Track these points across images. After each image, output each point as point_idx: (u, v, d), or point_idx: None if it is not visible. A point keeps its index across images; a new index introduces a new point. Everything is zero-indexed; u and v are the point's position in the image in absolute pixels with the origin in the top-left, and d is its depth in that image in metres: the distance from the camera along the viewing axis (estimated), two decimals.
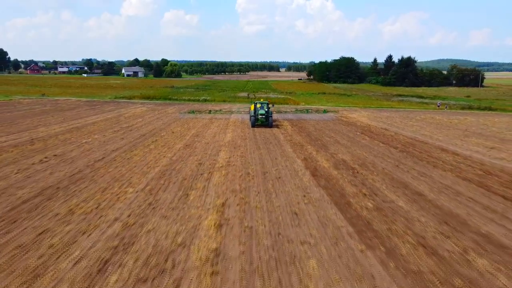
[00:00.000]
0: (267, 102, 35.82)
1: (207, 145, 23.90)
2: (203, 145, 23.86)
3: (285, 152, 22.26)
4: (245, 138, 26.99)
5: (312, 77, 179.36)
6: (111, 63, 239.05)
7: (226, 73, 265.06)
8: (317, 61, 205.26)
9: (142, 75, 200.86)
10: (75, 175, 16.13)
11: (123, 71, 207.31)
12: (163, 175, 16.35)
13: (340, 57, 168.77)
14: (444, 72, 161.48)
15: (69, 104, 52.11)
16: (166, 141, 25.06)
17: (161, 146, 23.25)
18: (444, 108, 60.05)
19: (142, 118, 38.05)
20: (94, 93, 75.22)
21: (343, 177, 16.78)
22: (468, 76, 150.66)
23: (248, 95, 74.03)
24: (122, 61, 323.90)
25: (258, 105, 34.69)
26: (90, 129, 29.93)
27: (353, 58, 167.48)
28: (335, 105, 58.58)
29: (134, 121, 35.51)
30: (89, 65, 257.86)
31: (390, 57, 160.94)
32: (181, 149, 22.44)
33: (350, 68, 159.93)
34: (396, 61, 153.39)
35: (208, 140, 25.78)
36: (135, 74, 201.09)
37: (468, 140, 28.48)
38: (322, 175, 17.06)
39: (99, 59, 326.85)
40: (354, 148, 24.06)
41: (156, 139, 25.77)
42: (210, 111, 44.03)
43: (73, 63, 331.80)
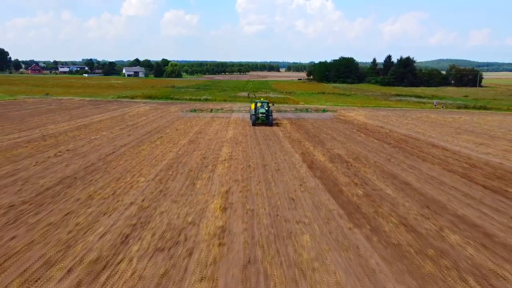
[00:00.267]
0: (267, 101, 36.95)
1: (210, 141, 25.22)
2: (206, 141, 25.18)
3: (284, 148, 23.58)
4: (246, 135, 28.31)
5: (312, 77, 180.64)
6: (112, 63, 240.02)
7: (226, 73, 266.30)
8: (317, 61, 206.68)
9: (143, 75, 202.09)
10: (89, 167, 17.45)
11: (124, 71, 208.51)
12: (171, 167, 17.68)
13: (340, 57, 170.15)
14: (443, 72, 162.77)
15: (74, 103, 53.34)
16: (171, 138, 26.37)
17: (167, 142, 24.56)
18: (441, 108, 61.27)
19: (146, 117, 39.32)
20: (97, 93, 76.42)
21: (337, 169, 18.10)
22: (467, 76, 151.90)
23: (249, 95, 75.31)
24: (122, 61, 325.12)
25: (259, 104, 35.71)
26: (97, 127, 31.21)
27: (353, 58, 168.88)
28: (334, 105, 59.86)
29: (139, 119, 36.77)
30: (90, 65, 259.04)
31: (389, 57, 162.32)
32: (186, 145, 23.75)
33: (350, 68, 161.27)
34: (395, 61, 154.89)
35: (211, 137, 27.09)
36: (136, 74, 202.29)
37: (459, 137, 29.79)
38: (318, 168, 18.38)
39: (99, 59, 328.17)
40: (350, 144, 25.37)
41: (161, 136, 27.08)
42: (212, 110, 45.31)
43: (73, 63, 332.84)
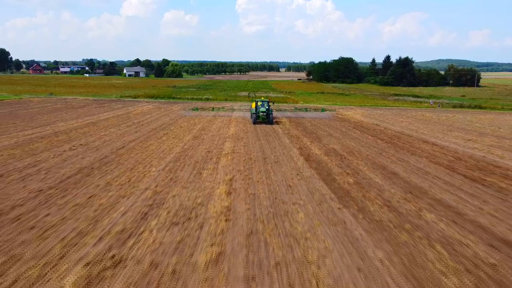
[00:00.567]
0: (268, 100, 38.30)
1: (213, 137, 26.74)
2: (210, 137, 26.70)
3: (283, 143, 25.10)
4: (247, 132, 29.83)
5: (312, 77, 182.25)
6: (113, 63, 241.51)
7: (227, 73, 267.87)
8: (317, 61, 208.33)
9: (144, 75, 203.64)
10: (103, 159, 18.97)
11: (125, 71, 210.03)
12: (178, 159, 19.21)
13: (339, 58, 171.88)
14: (442, 72, 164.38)
15: (78, 102, 54.80)
16: (176, 134, 27.89)
17: (172, 138, 26.08)
18: (437, 107, 62.79)
19: (150, 115, 40.82)
20: (99, 92, 77.88)
21: (332, 162, 19.63)
22: (465, 76, 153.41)
23: (249, 94, 76.85)
24: (123, 61, 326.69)
25: (259, 103, 36.76)
26: (105, 124, 32.71)
27: (352, 59, 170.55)
28: (333, 104, 61.38)
29: (143, 118, 38.27)
30: (91, 65, 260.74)
31: (388, 57, 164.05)
32: (191, 140, 25.27)
33: (349, 68, 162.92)
34: (394, 62, 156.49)
35: (214, 133, 28.61)
36: (137, 74, 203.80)
37: (450, 134, 31.32)
38: (314, 160, 19.91)
39: (99, 59, 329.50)
40: (345, 140, 26.89)
41: (167, 132, 28.59)
42: (213, 109, 46.84)
43: (74, 63, 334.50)
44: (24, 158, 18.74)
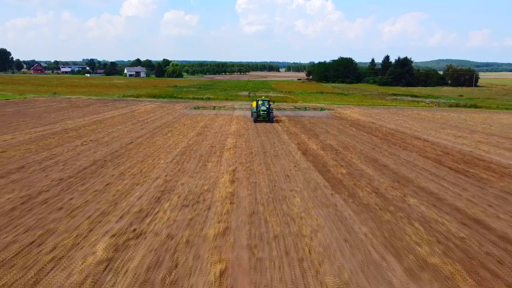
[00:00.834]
0: (268, 99, 39.58)
1: (216, 134, 28.13)
2: (213, 134, 28.09)
3: (282, 139, 26.49)
4: (248, 129, 31.23)
5: (311, 77, 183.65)
6: (113, 63, 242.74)
7: (227, 73, 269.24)
8: (317, 62, 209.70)
9: (144, 75, 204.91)
10: (115, 153, 20.36)
11: (126, 71, 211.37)
12: (184, 153, 20.60)
13: (339, 58, 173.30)
14: (440, 72, 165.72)
15: (83, 102, 56.14)
16: (180, 131, 29.28)
17: (177, 134, 27.46)
18: (434, 106, 64.16)
19: (154, 113, 42.20)
20: (102, 92, 79.15)
21: (327, 155, 21.03)
22: (463, 76, 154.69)
23: (249, 94, 78.24)
24: (123, 61, 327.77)
25: (260, 102, 37.82)
26: (111, 122, 34.09)
27: (351, 59, 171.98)
28: (331, 103, 62.79)
29: (147, 116, 39.65)
30: (92, 65, 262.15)
31: (387, 58, 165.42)
32: (194, 136, 26.66)
33: (348, 68, 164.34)
34: (393, 62, 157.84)
35: (216, 130, 30.00)
36: (138, 74, 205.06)
37: (442, 131, 32.72)
38: (311, 154, 21.30)
39: (100, 59, 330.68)
40: (341, 137, 28.28)
41: (171, 129, 29.98)
42: (214, 108, 48.24)
43: (74, 63, 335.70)
44: (41, 152, 20.12)
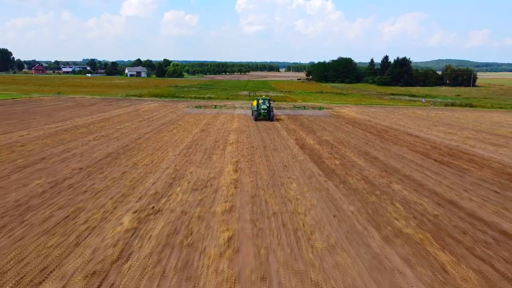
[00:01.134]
0: (269, 98, 41.05)
1: (219, 130, 29.74)
2: (215, 130, 29.70)
3: (281, 135, 28.10)
4: (249, 126, 32.84)
5: (311, 77, 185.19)
6: (114, 63, 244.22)
7: (227, 73, 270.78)
8: (317, 61, 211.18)
9: (145, 75, 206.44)
10: (126, 147, 21.96)
11: (127, 71, 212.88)
12: (190, 147, 22.21)
13: (338, 58, 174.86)
14: (439, 72, 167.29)
15: (87, 101, 57.70)
16: (185, 128, 30.89)
17: (182, 131, 29.07)
18: (430, 105, 65.70)
19: (158, 112, 43.80)
20: (104, 92, 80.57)
21: (323, 149, 22.64)
22: (461, 76, 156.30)
23: (249, 94, 79.83)
24: (123, 61, 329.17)
25: (261, 101, 39.11)
26: (118, 120, 35.68)
27: (351, 59, 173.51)
28: (330, 103, 64.39)
29: (152, 114, 41.24)
30: (92, 65, 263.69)
31: (386, 58, 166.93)
32: (198, 133, 28.27)
33: (348, 68, 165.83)
34: (392, 62, 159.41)
35: (219, 127, 31.61)
36: (138, 74, 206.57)
37: (434, 128, 34.32)
38: (308, 148, 22.92)
39: (100, 59, 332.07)
40: (337, 133, 29.89)
41: (176, 126, 31.58)
42: (216, 107, 49.76)
43: (75, 63, 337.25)
44: (57, 146, 21.72)
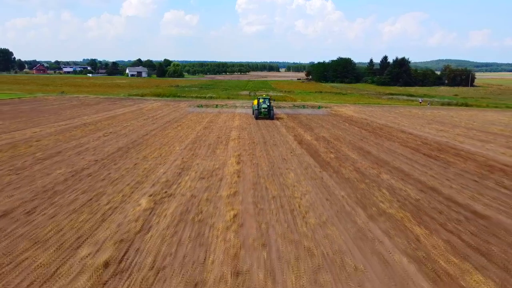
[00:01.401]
0: (269, 97, 42.40)
1: (221, 128, 31.19)
2: (218, 128, 31.16)
3: (281, 132, 29.56)
4: (250, 124, 34.30)
5: (311, 77, 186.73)
6: (115, 63, 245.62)
7: (227, 73, 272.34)
8: (317, 61, 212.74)
9: (146, 75, 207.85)
10: (134, 142, 23.41)
11: (127, 71, 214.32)
12: (195, 142, 23.67)
13: (338, 58, 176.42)
14: (437, 72, 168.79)
15: (91, 100, 59.08)
16: (188, 125, 32.34)
17: (186, 128, 30.52)
18: (427, 105, 67.12)
19: (161, 111, 45.25)
20: (106, 91, 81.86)
21: (320, 144, 24.10)
22: (460, 76, 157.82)
23: (250, 93, 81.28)
24: (123, 61, 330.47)
25: (261, 100, 40.30)
26: (124, 118, 37.12)
27: (350, 59, 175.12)
28: (329, 102, 65.82)
29: (155, 113, 42.68)
30: (93, 65, 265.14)
31: (385, 58, 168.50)
32: (202, 130, 29.73)
33: (347, 68, 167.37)
34: (391, 62, 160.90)
35: (221, 125, 33.07)
36: (139, 74, 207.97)
37: (428, 126, 35.77)
38: (305, 143, 24.38)
39: (100, 59, 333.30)
40: (334, 130, 31.35)
41: (180, 124, 33.04)
42: (217, 106, 51.20)
43: (75, 63, 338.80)
44: (70, 141, 23.17)
